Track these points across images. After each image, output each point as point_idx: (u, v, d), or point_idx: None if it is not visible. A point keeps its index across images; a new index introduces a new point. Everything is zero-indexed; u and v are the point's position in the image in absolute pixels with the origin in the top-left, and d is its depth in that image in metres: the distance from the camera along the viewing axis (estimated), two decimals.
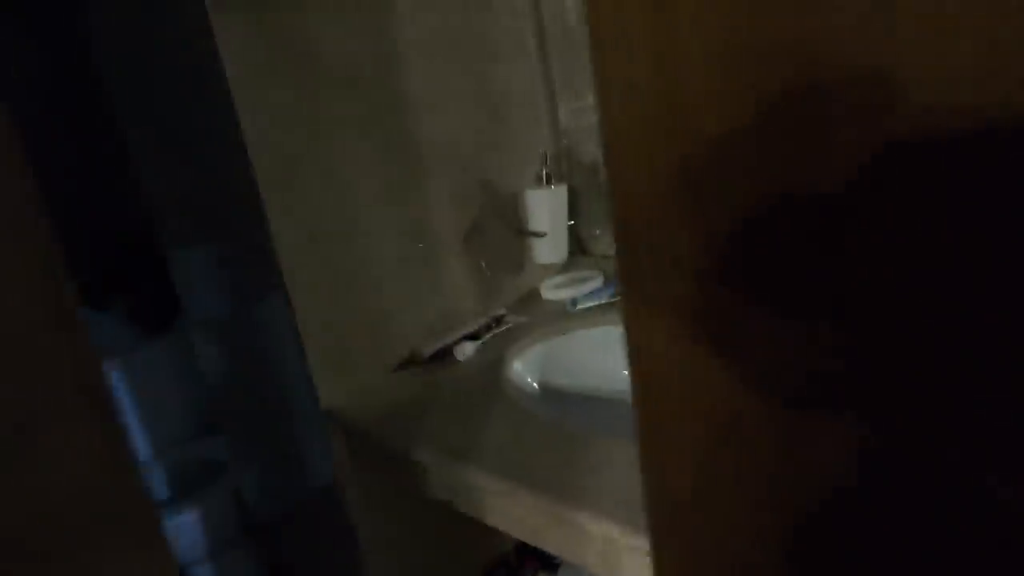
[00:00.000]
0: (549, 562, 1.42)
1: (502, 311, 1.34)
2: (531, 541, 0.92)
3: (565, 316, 1.30)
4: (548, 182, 1.34)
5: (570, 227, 1.40)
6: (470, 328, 1.29)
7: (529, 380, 1.19)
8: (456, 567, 1.39)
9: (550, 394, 1.18)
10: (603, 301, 1.30)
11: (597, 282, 1.36)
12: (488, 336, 1.27)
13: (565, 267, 1.46)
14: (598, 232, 1.45)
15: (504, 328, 1.29)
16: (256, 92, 1.02)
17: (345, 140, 1.13)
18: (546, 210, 1.34)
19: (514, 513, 0.92)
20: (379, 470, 1.15)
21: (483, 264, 1.35)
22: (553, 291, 1.39)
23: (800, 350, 0.32)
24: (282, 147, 1.06)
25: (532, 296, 1.42)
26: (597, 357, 1.22)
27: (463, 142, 1.28)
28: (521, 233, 1.38)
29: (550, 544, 0.90)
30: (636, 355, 0.39)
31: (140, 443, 2.04)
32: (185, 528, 1.71)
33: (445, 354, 1.24)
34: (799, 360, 0.32)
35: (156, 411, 2.07)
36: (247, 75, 1.01)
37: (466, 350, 1.23)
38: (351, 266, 1.16)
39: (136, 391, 2.05)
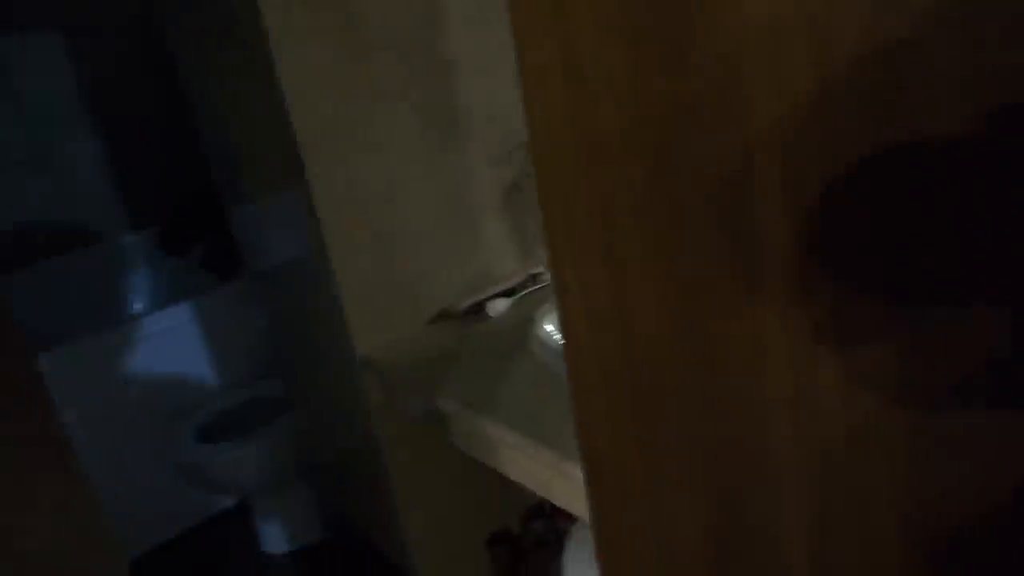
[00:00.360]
0: None
1: (539, 269, 1.37)
2: (542, 494, 0.96)
3: None
4: None
5: None
6: (505, 285, 1.32)
7: (558, 338, 1.22)
8: (490, 512, 1.45)
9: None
10: None
11: None
12: (523, 293, 1.30)
13: None
14: None
15: (540, 286, 1.32)
16: (297, 54, 1.06)
17: (385, 101, 1.16)
18: None
19: (525, 465, 0.96)
20: (411, 418, 1.21)
21: (530, 222, 1.38)
22: None
23: (950, 340, 0.27)
24: (323, 108, 1.10)
25: None
26: None
27: (504, 104, 1.29)
28: None
29: (558, 498, 0.94)
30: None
31: (208, 379, 2.18)
32: (245, 461, 1.84)
33: (479, 310, 1.28)
34: (949, 352, 0.27)
35: (223, 351, 2.21)
36: (289, 37, 1.05)
37: (498, 306, 1.26)
38: (390, 223, 1.21)
39: (206, 332, 2.19)
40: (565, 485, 0.90)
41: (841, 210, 0.29)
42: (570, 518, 1.47)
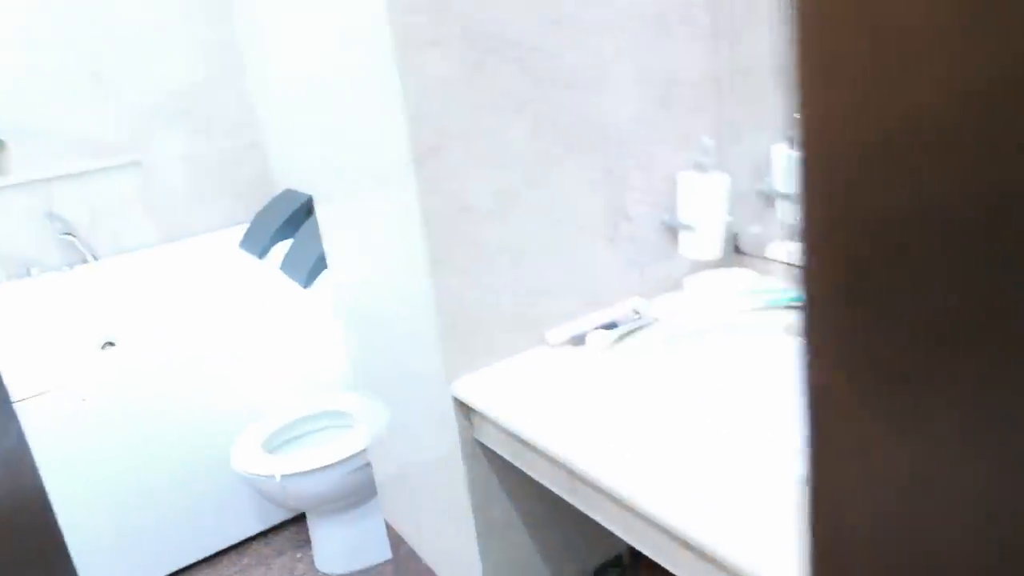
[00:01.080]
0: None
1: (642, 302, 1.28)
2: (632, 542, 0.88)
3: (714, 315, 1.22)
4: (707, 171, 1.26)
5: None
6: (608, 317, 1.24)
7: (660, 378, 1.13)
8: (567, 557, 1.36)
9: (684, 396, 1.12)
10: (760, 306, 1.21)
11: (757, 285, 1.27)
12: (626, 327, 1.21)
13: (715, 264, 1.37)
14: (756, 232, 1.34)
15: (643, 320, 1.23)
16: (417, 61, 1.01)
17: (501, 114, 1.10)
18: (700, 200, 1.26)
19: (614, 511, 0.87)
20: (498, 450, 1.14)
21: (631, 249, 1.30)
22: (700, 288, 1.31)
23: None
24: (438, 118, 1.05)
25: (677, 290, 1.35)
26: (744, 366, 1.14)
27: (620, 122, 1.22)
28: (672, 223, 1.31)
29: (649, 548, 0.85)
30: None
31: (279, 387, 2.15)
32: (309, 478, 1.79)
33: (579, 340, 1.20)
34: None
35: (297, 360, 2.18)
36: (410, 44, 1.00)
37: (600, 338, 1.18)
38: (495, 244, 1.14)
39: (281, 338, 2.16)
40: (658, 536, 0.82)
41: None
42: (652, 572, 1.37)
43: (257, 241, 2.75)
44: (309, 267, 2.31)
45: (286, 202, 2.79)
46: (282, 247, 2.62)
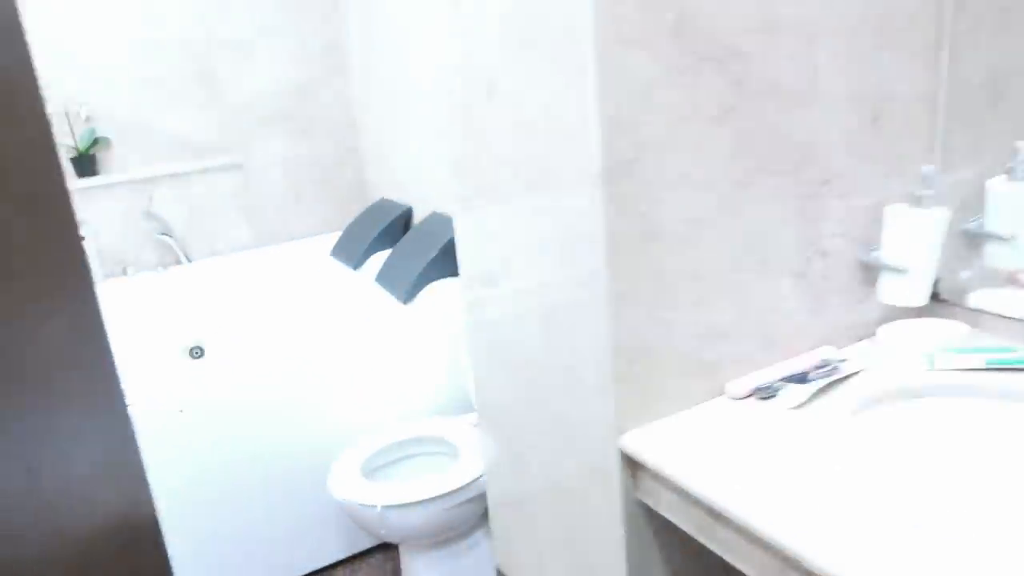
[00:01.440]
0: None
1: (835, 353, 1.11)
2: None
3: (917, 374, 1.04)
4: (923, 204, 1.08)
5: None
6: (796, 367, 1.07)
7: (877, 446, 0.95)
8: None
9: (912, 471, 0.93)
10: (979, 366, 1.02)
11: (971, 341, 1.08)
12: (822, 381, 1.04)
13: (918, 312, 1.18)
14: (965, 277, 1.16)
15: (839, 373, 1.05)
16: (620, 58, 0.87)
17: (702, 127, 0.95)
18: (912, 237, 1.08)
19: None
20: (671, 516, 0.97)
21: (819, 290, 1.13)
22: (899, 338, 1.13)
23: None
24: (636, 128, 0.90)
25: (869, 339, 1.17)
26: (977, 436, 0.96)
27: (826, 142, 1.05)
28: (872, 262, 1.13)
29: None
30: None
31: (377, 409, 2.03)
32: (411, 510, 1.65)
33: (764, 392, 1.03)
34: None
35: (396, 379, 2.05)
36: (614, 37, 0.86)
37: (790, 393, 1.01)
38: (680, 276, 0.98)
39: (378, 356, 2.04)
40: None
41: None
42: None
43: (351, 251, 2.65)
44: (410, 282, 2.19)
45: (382, 212, 2.69)
46: (377, 258, 2.51)
